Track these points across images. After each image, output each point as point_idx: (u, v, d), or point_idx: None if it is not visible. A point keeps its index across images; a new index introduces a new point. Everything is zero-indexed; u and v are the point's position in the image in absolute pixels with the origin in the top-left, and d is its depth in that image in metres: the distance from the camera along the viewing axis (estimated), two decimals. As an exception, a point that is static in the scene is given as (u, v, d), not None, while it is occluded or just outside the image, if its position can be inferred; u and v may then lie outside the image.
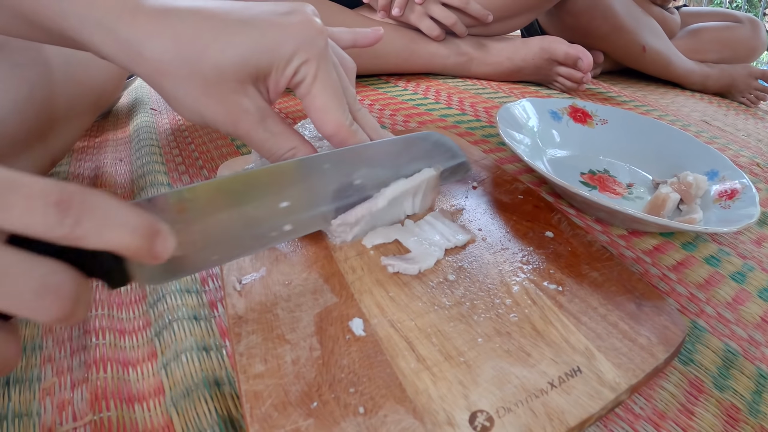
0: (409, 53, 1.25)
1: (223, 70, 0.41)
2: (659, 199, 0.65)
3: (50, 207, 0.24)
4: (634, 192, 0.73)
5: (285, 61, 0.42)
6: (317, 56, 0.43)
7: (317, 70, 0.43)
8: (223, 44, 0.40)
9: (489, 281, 0.43)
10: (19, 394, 0.40)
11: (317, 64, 0.43)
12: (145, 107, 1.07)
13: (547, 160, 0.77)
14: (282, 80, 0.44)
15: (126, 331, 0.46)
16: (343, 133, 0.45)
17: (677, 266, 0.58)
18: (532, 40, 1.28)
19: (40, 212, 0.24)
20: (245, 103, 0.43)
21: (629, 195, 0.72)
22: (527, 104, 0.83)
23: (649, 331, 0.40)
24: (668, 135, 0.81)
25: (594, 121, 0.85)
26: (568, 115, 0.85)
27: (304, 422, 0.31)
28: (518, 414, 0.32)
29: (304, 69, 0.43)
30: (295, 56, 0.42)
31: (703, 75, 1.66)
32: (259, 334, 0.37)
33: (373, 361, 0.35)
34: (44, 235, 0.24)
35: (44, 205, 0.24)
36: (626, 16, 1.44)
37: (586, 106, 0.86)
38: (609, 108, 0.86)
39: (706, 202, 0.67)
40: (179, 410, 0.39)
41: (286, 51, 0.42)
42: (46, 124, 0.62)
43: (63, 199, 0.24)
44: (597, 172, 0.77)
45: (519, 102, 0.82)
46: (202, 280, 0.52)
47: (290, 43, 0.42)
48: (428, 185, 0.50)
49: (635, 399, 0.41)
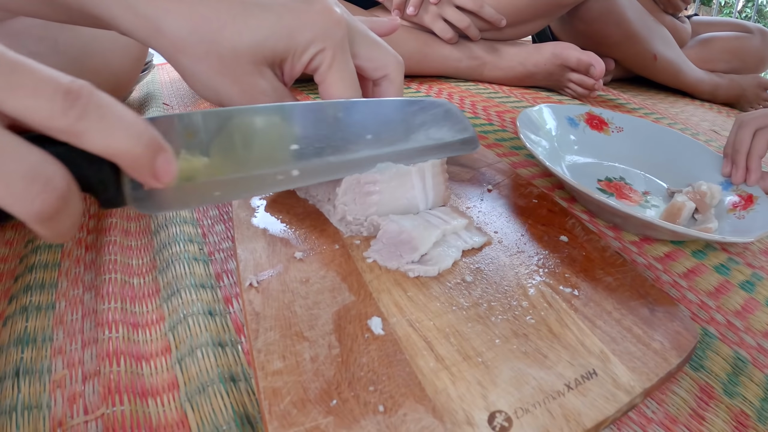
0: (422, 56, 1.25)
1: (239, 51, 0.41)
2: (675, 208, 0.65)
3: (58, 94, 0.23)
4: (650, 200, 0.73)
5: (301, 49, 0.43)
6: (334, 46, 0.44)
7: (333, 60, 0.44)
8: (240, 26, 0.41)
9: (506, 283, 0.44)
10: (29, 385, 0.40)
11: (333, 53, 0.44)
12: (157, 101, 1.07)
13: (566, 166, 0.77)
14: (297, 66, 0.44)
15: (139, 325, 0.46)
16: None
17: (688, 274, 0.59)
18: (545, 45, 1.28)
19: (46, 97, 0.23)
20: (261, 84, 0.43)
21: (645, 203, 0.72)
22: (546, 110, 0.83)
23: (662, 336, 0.40)
24: (682, 144, 0.81)
25: (610, 128, 0.85)
26: (585, 122, 0.85)
27: (323, 420, 0.31)
28: (536, 415, 0.32)
29: (320, 57, 0.44)
30: (311, 44, 0.43)
31: (712, 85, 1.66)
32: (277, 331, 0.37)
33: (392, 360, 0.35)
34: (45, 123, 0.24)
35: (52, 91, 0.23)
36: (638, 25, 1.44)
37: (602, 113, 0.86)
38: (624, 116, 0.87)
39: (720, 211, 0.68)
40: (194, 406, 0.39)
41: (303, 38, 0.43)
42: None
43: (72, 89, 0.24)
44: (613, 179, 0.77)
45: (538, 107, 0.83)
46: (217, 276, 0.52)
47: (308, 31, 0.43)
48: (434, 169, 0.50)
49: (648, 403, 0.41)
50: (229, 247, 0.57)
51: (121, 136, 0.26)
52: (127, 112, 0.26)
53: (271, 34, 0.42)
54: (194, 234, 0.58)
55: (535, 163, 0.83)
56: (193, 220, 0.61)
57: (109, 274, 0.50)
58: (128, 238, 0.58)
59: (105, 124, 0.25)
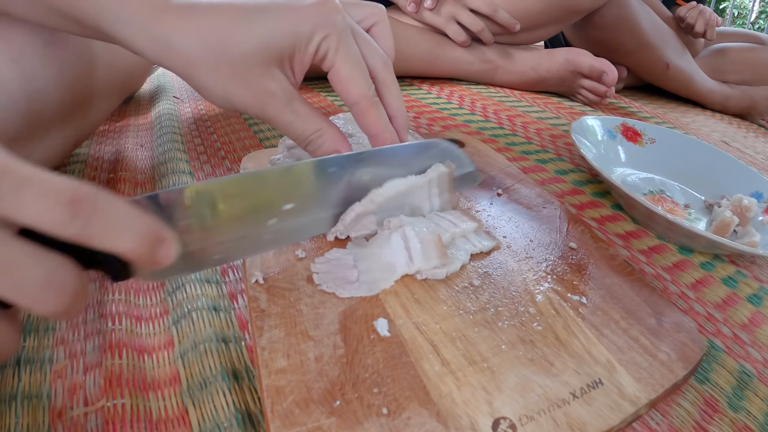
0: (433, 57, 1.25)
1: (247, 55, 0.43)
2: (724, 224, 0.65)
3: (62, 206, 0.24)
4: (692, 213, 0.73)
5: (306, 41, 0.45)
6: (336, 31, 0.45)
7: (338, 44, 0.46)
8: (245, 31, 0.43)
9: (513, 289, 0.43)
10: (30, 374, 0.40)
11: (337, 37, 0.45)
12: (167, 95, 1.08)
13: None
14: (306, 58, 0.46)
15: (143, 318, 0.46)
16: (364, 102, 0.48)
17: (696, 285, 0.58)
18: (558, 51, 1.27)
19: (52, 210, 0.24)
20: (272, 86, 0.45)
21: (689, 216, 0.73)
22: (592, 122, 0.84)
23: (669, 347, 0.40)
24: (711, 155, 0.82)
25: (643, 139, 0.85)
26: (621, 134, 0.85)
27: (326, 420, 0.31)
28: (540, 423, 0.32)
29: (325, 44, 0.45)
30: (315, 34, 0.45)
31: (724, 95, 1.65)
32: (282, 329, 0.37)
33: (397, 362, 0.35)
34: (53, 232, 0.25)
35: (56, 203, 0.24)
36: (652, 33, 1.44)
37: (636, 124, 0.87)
38: (655, 127, 0.87)
39: (755, 224, 0.68)
40: (195, 402, 0.38)
41: (305, 31, 0.45)
42: (74, 105, 0.62)
43: (76, 199, 0.25)
44: (655, 192, 0.77)
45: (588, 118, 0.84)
46: (223, 272, 0.52)
47: (308, 23, 0.44)
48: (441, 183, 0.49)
49: (652, 414, 0.41)
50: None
51: (125, 237, 0.27)
52: (128, 212, 0.27)
53: (275, 34, 0.44)
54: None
55: (545, 168, 0.82)
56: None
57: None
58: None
59: (109, 229, 0.26)
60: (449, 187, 0.50)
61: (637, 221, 0.68)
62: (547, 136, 0.99)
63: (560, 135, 1.00)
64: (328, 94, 1.13)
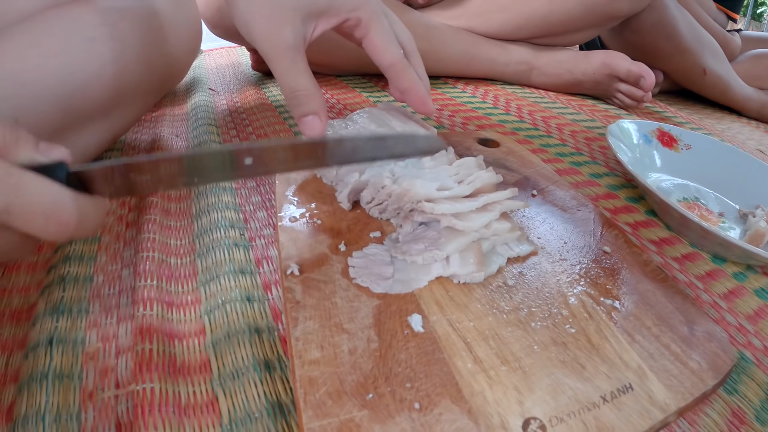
0: (469, 58, 1.25)
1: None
2: (758, 234, 0.65)
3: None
4: (726, 222, 0.73)
5: (340, 9, 0.51)
6: (371, 10, 0.52)
7: (371, 19, 0.52)
8: None
9: (547, 290, 0.43)
10: (62, 354, 0.41)
11: (371, 15, 0.52)
12: (203, 86, 1.09)
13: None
14: (332, 21, 0.52)
15: (174, 304, 0.47)
16: (399, 65, 0.54)
17: (728, 295, 0.58)
18: (595, 54, 1.26)
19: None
20: (288, 32, 0.48)
21: (723, 225, 0.72)
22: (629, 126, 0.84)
23: (700, 356, 0.39)
24: (747, 163, 0.80)
25: (679, 145, 0.84)
26: (657, 139, 0.84)
27: (358, 413, 0.31)
28: (570, 425, 0.32)
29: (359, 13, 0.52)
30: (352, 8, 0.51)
31: (760, 103, 1.63)
32: (317, 321, 0.38)
33: (430, 359, 0.35)
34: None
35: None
36: (690, 38, 1.42)
37: (671, 130, 0.85)
38: (691, 132, 0.86)
39: None
40: (226, 390, 0.39)
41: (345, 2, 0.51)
42: (113, 101, 0.63)
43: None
44: (689, 199, 0.77)
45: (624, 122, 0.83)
46: (257, 261, 0.53)
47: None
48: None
49: (679, 422, 0.41)
50: (271, 234, 0.58)
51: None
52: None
53: None
54: (236, 219, 0.59)
55: (579, 171, 0.82)
56: (235, 205, 0.62)
57: (148, 252, 0.51)
58: (168, 218, 0.59)
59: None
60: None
61: (671, 228, 0.68)
62: (582, 138, 0.98)
63: (595, 138, 0.99)
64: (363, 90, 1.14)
